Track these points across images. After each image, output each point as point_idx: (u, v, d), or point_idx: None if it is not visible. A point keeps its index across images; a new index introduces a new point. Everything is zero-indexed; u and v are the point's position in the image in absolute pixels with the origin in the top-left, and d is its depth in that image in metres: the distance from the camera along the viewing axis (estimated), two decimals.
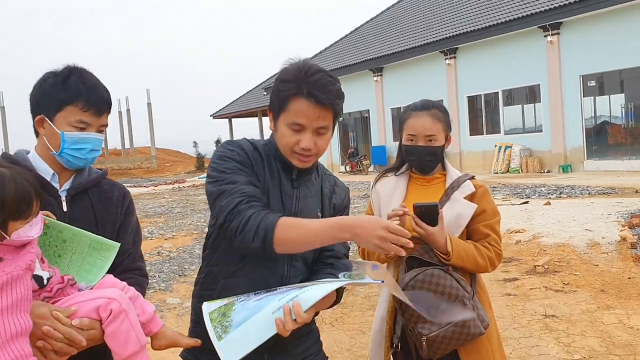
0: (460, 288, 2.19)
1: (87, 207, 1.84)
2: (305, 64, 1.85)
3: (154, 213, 15.12)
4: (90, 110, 1.78)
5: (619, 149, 17.49)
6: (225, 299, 1.78)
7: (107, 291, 1.63)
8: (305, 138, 1.82)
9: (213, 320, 1.69)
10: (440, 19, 23.87)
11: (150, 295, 6.73)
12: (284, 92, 1.81)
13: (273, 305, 1.67)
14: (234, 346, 1.63)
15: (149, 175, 39.12)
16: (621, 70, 16.70)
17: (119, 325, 1.57)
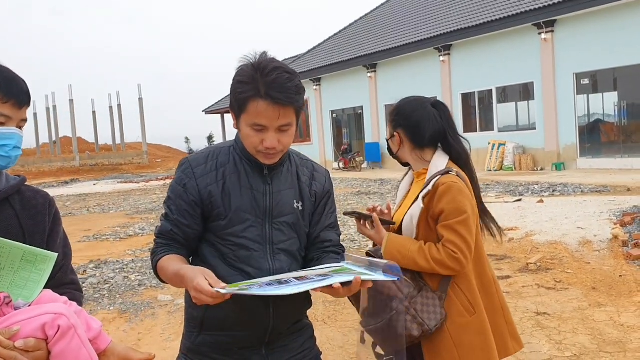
0: (393, 288, 2.16)
1: (10, 216, 1.61)
2: (261, 62, 1.80)
3: (145, 209, 15.05)
4: (10, 102, 1.58)
5: (612, 147, 17.56)
6: (242, 283, 1.73)
7: (51, 306, 1.45)
8: (268, 137, 1.81)
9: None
10: (435, 16, 23.86)
11: (141, 292, 6.68)
12: (241, 94, 1.79)
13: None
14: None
15: (140, 171, 38.99)
16: (615, 69, 16.75)
17: (68, 343, 1.39)
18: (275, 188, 1.93)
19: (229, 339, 1.91)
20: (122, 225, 12.18)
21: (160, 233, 1.93)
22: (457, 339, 2.25)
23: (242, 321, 1.89)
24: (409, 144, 2.46)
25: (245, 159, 1.92)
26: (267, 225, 1.90)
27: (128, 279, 7.29)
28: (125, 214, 14.44)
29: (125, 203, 17.17)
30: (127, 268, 7.87)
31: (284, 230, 1.92)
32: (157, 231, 1.95)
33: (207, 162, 1.92)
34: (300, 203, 1.97)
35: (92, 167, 41.32)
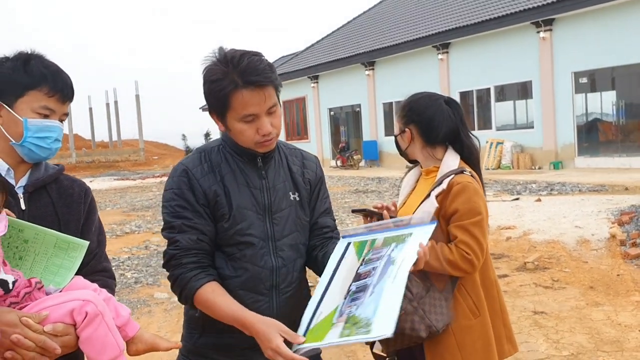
0: (406, 290, 2.12)
1: (47, 204, 1.68)
2: (226, 55, 1.79)
3: (141, 206, 15.02)
4: (55, 96, 1.64)
5: (609, 146, 17.55)
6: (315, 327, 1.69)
7: (80, 293, 1.49)
8: (263, 124, 1.80)
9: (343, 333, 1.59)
10: (433, 14, 23.83)
11: (137, 290, 6.66)
12: (220, 91, 1.76)
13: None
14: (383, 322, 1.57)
15: (136, 168, 38.93)
16: (613, 68, 16.73)
17: (95, 329, 1.45)
18: (270, 183, 1.91)
19: (232, 339, 1.87)
20: (118, 222, 12.14)
21: (183, 249, 1.80)
22: (461, 341, 2.22)
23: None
24: (420, 141, 2.41)
25: (237, 156, 1.89)
26: (268, 222, 1.89)
27: (124, 276, 7.26)
28: (121, 211, 14.40)
29: (122, 200, 17.12)
30: (123, 265, 7.84)
31: (284, 225, 1.91)
32: (177, 249, 1.81)
33: (202, 163, 1.88)
34: (296, 194, 1.96)
35: (89, 164, 41.24)
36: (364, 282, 1.71)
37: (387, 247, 1.79)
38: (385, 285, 1.66)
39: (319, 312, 1.71)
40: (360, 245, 1.86)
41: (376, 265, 1.74)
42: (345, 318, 1.63)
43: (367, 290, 1.68)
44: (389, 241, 1.81)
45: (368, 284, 1.70)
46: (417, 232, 1.79)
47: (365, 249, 1.83)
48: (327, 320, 1.66)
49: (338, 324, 1.63)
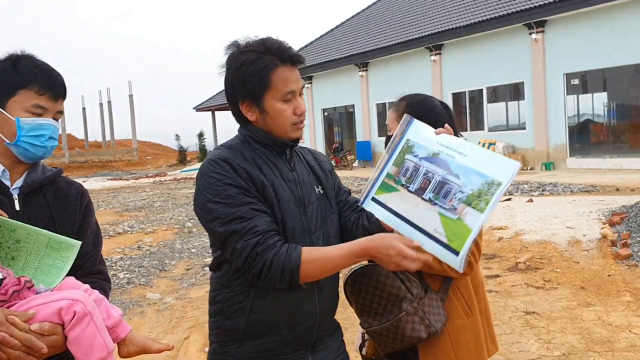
0: (402, 288, 2.12)
1: (42, 205, 1.68)
2: (253, 41, 1.80)
3: (134, 207, 14.98)
4: (46, 94, 1.65)
5: (601, 147, 17.65)
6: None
7: (69, 292, 1.49)
8: (299, 103, 1.81)
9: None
10: (426, 15, 23.88)
11: (130, 290, 6.65)
12: (262, 70, 1.74)
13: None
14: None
15: (129, 168, 38.83)
16: (604, 69, 16.83)
17: (83, 329, 1.43)
18: (299, 176, 1.88)
19: (276, 344, 1.81)
20: (110, 222, 12.11)
21: (263, 232, 1.67)
22: (455, 341, 2.24)
23: (289, 322, 1.81)
24: None
25: (265, 149, 1.83)
26: (303, 215, 1.83)
27: (117, 277, 7.24)
28: (114, 211, 14.35)
29: (115, 200, 17.07)
30: (116, 266, 7.82)
31: (315, 218, 1.86)
32: (257, 234, 1.66)
33: (238, 155, 1.77)
34: (319, 187, 1.93)
35: (82, 164, 41.10)
36: (434, 185, 1.74)
37: (406, 159, 1.84)
38: (459, 161, 1.73)
39: (432, 240, 1.71)
40: (384, 186, 1.86)
41: (422, 170, 1.78)
42: (463, 205, 1.67)
43: (450, 181, 1.72)
44: (399, 160, 1.85)
45: (444, 179, 1.73)
46: (410, 133, 1.87)
47: (392, 182, 1.85)
48: (454, 226, 1.67)
49: (466, 213, 1.66)
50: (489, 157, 1.73)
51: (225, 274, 1.80)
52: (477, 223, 1.64)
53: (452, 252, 1.66)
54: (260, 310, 1.77)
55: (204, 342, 4.87)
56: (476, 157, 1.73)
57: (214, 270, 1.86)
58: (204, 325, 5.28)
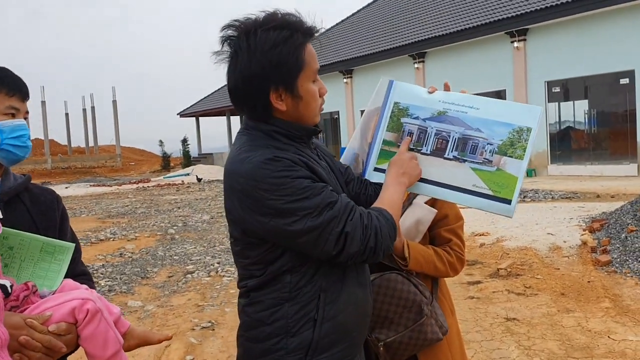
0: (418, 293, 2.15)
1: (22, 212, 1.69)
2: (266, 14, 1.60)
3: (117, 213, 14.87)
4: (16, 95, 1.67)
5: (582, 154, 17.86)
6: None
7: (78, 292, 1.51)
8: (321, 83, 1.68)
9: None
10: (410, 24, 24.06)
11: (111, 298, 6.58)
12: (297, 49, 1.56)
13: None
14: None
15: (113, 174, 38.56)
16: (585, 77, 17.05)
17: (96, 326, 1.46)
18: (328, 164, 1.76)
19: (347, 351, 1.68)
20: (93, 229, 12.00)
21: (355, 205, 1.60)
22: (450, 339, 2.28)
23: (360, 322, 1.72)
24: None
25: (295, 141, 1.65)
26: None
27: (98, 284, 7.18)
28: (96, 218, 14.24)
29: (97, 207, 16.93)
30: (97, 273, 7.75)
31: None
32: (355, 211, 1.57)
33: (281, 150, 1.59)
34: (336, 177, 1.78)
35: (64, 170, 40.75)
36: (454, 142, 1.75)
37: (404, 123, 1.83)
38: (474, 115, 1.74)
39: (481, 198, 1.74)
40: (386, 154, 1.85)
41: (432, 131, 1.78)
42: (498, 157, 1.71)
43: (472, 136, 1.73)
44: (394, 125, 1.84)
45: (465, 136, 1.74)
46: (396, 96, 1.87)
47: (394, 148, 1.84)
48: (496, 178, 1.71)
49: (504, 163, 1.69)
50: (505, 106, 1.74)
51: (286, 286, 1.60)
52: (521, 170, 1.68)
53: (502, 202, 1.69)
54: (333, 315, 1.63)
55: (185, 350, 4.85)
56: (491, 109, 1.74)
57: (264, 288, 1.63)
58: (186, 333, 5.24)
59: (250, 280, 1.65)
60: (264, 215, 1.53)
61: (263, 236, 1.58)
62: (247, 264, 1.66)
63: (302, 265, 1.60)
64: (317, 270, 1.61)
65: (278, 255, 1.60)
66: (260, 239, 1.59)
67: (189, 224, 12.13)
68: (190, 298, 6.43)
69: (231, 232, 1.69)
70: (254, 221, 1.55)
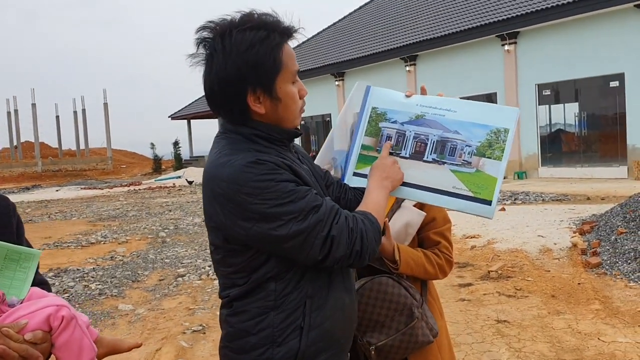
0: (408, 296, 2.15)
1: None
2: (241, 15, 1.56)
3: (107, 216, 14.80)
4: None
5: (572, 156, 17.96)
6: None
7: (51, 299, 1.46)
8: (301, 83, 1.64)
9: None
10: (402, 26, 24.13)
11: (101, 302, 6.56)
12: (274, 49, 1.53)
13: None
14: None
15: (104, 177, 38.39)
16: (576, 80, 17.15)
17: (71, 333, 1.41)
18: (309, 168, 1.73)
19: (334, 358, 1.65)
20: (83, 232, 11.94)
21: (340, 209, 1.57)
22: (439, 341, 2.29)
23: (346, 328, 1.70)
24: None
25: (276, 144, 1.61)
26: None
27: (88, 287, 7.14)
28: (87, 221, 14.16)
29: (88, 210, 16.85)
30: (88, 277, 7.71)
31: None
32: (337, 212, 1.55)
33: (263, 153, 1.56)
34: (315, 180, 1.75)
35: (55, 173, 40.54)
36: (433, 145, 1.77)
37: (382, 127, 1.85)
38: (451, 118, 1.76)
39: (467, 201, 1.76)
40: (364, 159, 1.86)
41: (410, 135, 1.80)
42: (477, 158, 1.72)
43: (450, 138, 1.75)
44: (372, 130, 1.86)
45: (443, 138, 1.76)
46: (373, 101, 1.91)
47: (373, 152, 1.85)
48: (475, 179, 1.73)
49: (483, 164, 1.72)
50: (482, 108, 1.76)
51: (271, 294, 1.57)
52: (500, 170, 1.71)
53: (482, 203, 1.72)
54: (320, 322, 1.60)
55: (175, 353, 4.83)
56: (469, 111, 1.76)
57: (248, 297, 1.59)
58: (176, 337, 5.23)
59: (233, 290, 1.61)
60: (248, 220, 1.49)
61: (247, 242, 1.53)
62: (230, 272, 1.61)
63: (287, 271, 1.56)
64: (302, 276, 1.58)
65: (262, 262, 1.55)
66: (244, 246, 1.54)
67: (180, 226, 12.09)
68: (181, 301, 6.41)
69: (212, 240, 1.63)
70: (237, 227, 1.51)
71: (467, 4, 21.64)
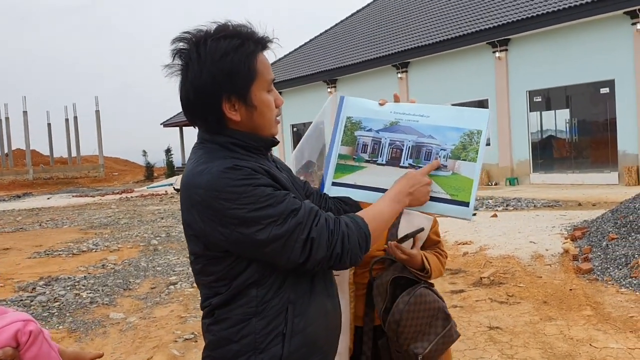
0: (439, 299, 2.16)
1: None
2: (217, 25, 1.57)
3: (99, 224, 14.73)
4: None
5: (563, 162, 18.05)
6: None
7: (15, 314, 1.43)
8: (277, 93, 1.65)
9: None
10: (393, 34, 24.23)
11: (92, 310, 6.51)
12: (248, 56, 1.54)
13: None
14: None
15: (96, 185, 38.25)
16: (566, 87, 17.27)
17: (39, 347, 1.40)
18: (287, 176, 1.73)
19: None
20: (75, 240, 11.87)
21: (321, 211, 1.56)
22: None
23: (330, 334, 1.68)
24: None
25: (253, 152, 1.61)
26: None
27: (79, 296, 7.09)
28: (79, 229, 14.09)
29: (80, 218, 16.77)
30: (79, 285, 7.66)
31: None
32: (317, 214, 1.54)
33: (243, 160, 1.55)
34: (293, 187, 1.75)
35: (47, 181, 40.35)
36: (409, 151, 1.79)
37: (358, 136, 1.85)
38: (425, 123, 1.78)
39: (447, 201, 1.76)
40: (342, 168, 1.87)
41: (386, 142, 1.81)
42: (452, 161, 1.74)
43: (425, 143, 1.77)
44: (348, 139, 1.87)
45: (417, 143, 1.78)
46: (348, 110, 1.90)
47: (350, 161, 1.86)
48: (452, 182, 1.74)
49: (458, 167, 1.73)
50: (454, 112, 1.79)
51: (252, 300, 1.56)
52: (476, 172, 1.72)
53: (460, 205, 1.72)
54: (303, 328, 1.58)
55: None
56: (441, 115, 1.78)
57: (230, 304, 1.58)
58: (168, 345, 5.20)
59: (215, 298, 1.60)
60: (227, 225, 1.48)
61: (227, 248, 1.52)
62: (211, 280, 1.60)
63: (268, 277, 1.55)
64: (283, 281, 1.57)
65: (243, 268, 1.54)
66: (224, 252, 1.54)
67: (172, 234, 12.05)
68: (173, 309, 6.38)
69: (191, 249, 1.62)
70: (217, 233, 1.50)
71: (458, 12, 21.77)
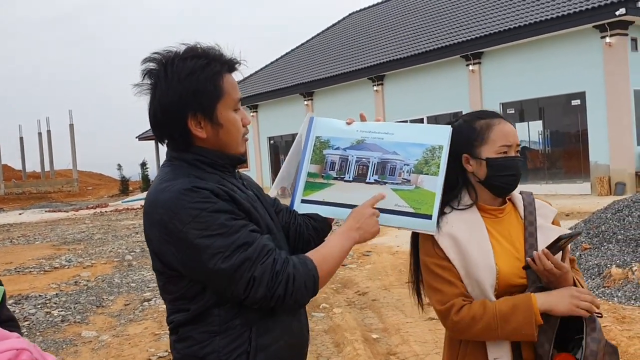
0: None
1: None
2: (184, 47, 1.61)
3: (72, 240, 14.49)
4: None
5: (537, 173, 18.28)
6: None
7: (11, 342, 1.34)
8: (244, 113, 1.68)
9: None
10: (368, 47, 24.42)
11: (64, 329, 6.38)
12: (214, 75, 1.57)
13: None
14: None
15: (69, 199, 37.70)
16: (539, 99, 17.54)
17: None
18: (255, 194, 1.73)
19: None
20: (47, 257, 11.65)
21: (274, 249, 1.54)
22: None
23: (297, 353, 1.69)
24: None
25: (219, 169, 1.63)
26: (278, 231, 1.75)
27: (50, 314, 6.94)
28: (51, 244, 13.84)
29: (52, 233, 16.48)
30: (50, 303, 7.50)
31: (278, 239, 1.72)
32: (269, 253, 1.52)
33: (204, 181, 1.56)
34: (261, 205, 1.76)
35: (19, 196, 39.68)
36: (374, 167, 1.83)
37: (326, 155, 1.92)
38: (390, 140, 1.84)
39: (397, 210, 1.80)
40: (311, 186, 1.94)
41: (352, 159, 1.86)
42: (415, 175, 1.79)
43: (390, 159, 1.82)
44: (317, 157, 1.93)
45: (382, 160, 1.83)
46: (317, 130, 1.97)
47: (318, 179, 1.92)
48: (415, 196, 1.78)
49: (421, 181, 1.78)
50: (417, 129, 1.86)
51: (215, 320, 1.55)
52: (438, 185, 1.76)
53: (423, 218, 1.76)
54: (267, 346, 1.58)
55: None
56: (405, 133, 1.84)
57: (193, 324, 1.57)
58: None
59: (178, 315, 1.60)
60: (178, 247, 1.49)
61: (179, 270, 1.53)
62: (172, 299, 1.61)
63: (228, 298, 1.55)
64: (236, 316, 1.57)
65: (199, 291, 1.55)
66: (180, 273, 1.54)
67: (147, 249, 11.88)
68: (147, 327, 6.27)
69: (153, 265, 1.63)
70: (170, 253, 1.51)
71: (433, 25, 22.03)
